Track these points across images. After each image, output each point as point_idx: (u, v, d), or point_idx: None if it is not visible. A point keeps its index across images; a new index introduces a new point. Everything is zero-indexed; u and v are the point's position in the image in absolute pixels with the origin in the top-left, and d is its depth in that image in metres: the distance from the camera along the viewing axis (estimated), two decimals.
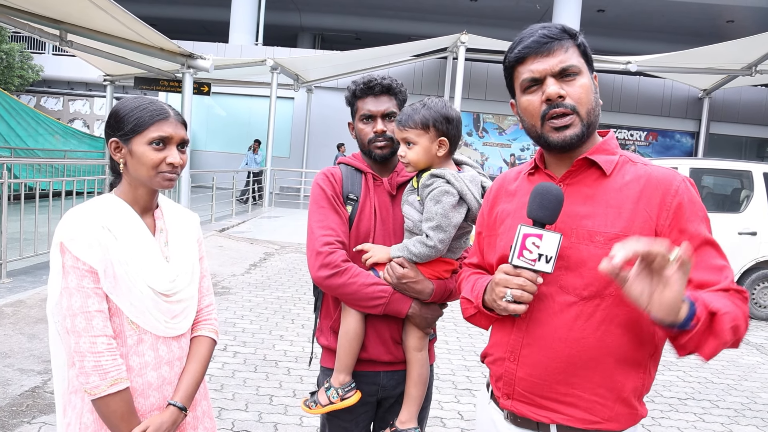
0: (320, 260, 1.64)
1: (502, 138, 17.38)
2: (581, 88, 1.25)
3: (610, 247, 1.18)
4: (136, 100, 1.44)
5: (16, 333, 4.20)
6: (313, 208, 1.76)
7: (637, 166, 1.28)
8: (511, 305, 1.21)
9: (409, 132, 1.65)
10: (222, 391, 3.64)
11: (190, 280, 1.52)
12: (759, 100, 16.92)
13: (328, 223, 1.70)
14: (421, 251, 1.63)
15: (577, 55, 1.27)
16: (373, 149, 1.77)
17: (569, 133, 1.25)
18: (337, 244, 1.67)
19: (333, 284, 1.64)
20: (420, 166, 1.69)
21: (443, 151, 1.67)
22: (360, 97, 1.80)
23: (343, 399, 1.67)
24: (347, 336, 1.69)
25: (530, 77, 1.26)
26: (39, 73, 16.99)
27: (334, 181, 1.78)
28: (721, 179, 7.44)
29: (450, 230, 1.61)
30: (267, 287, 6.39)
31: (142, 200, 1.47)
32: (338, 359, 1.70)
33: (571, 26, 1.30)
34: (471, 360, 4.58)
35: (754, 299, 6.62)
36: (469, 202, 1.62)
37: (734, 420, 3.84)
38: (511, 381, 1.33)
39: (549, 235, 1.19)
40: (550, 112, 1.25)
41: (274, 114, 13.78)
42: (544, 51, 1.25)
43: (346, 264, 1.65)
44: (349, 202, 1.77)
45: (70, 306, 1.33)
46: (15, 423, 3.03)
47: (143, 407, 1.41)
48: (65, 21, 7.60)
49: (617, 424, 1.26)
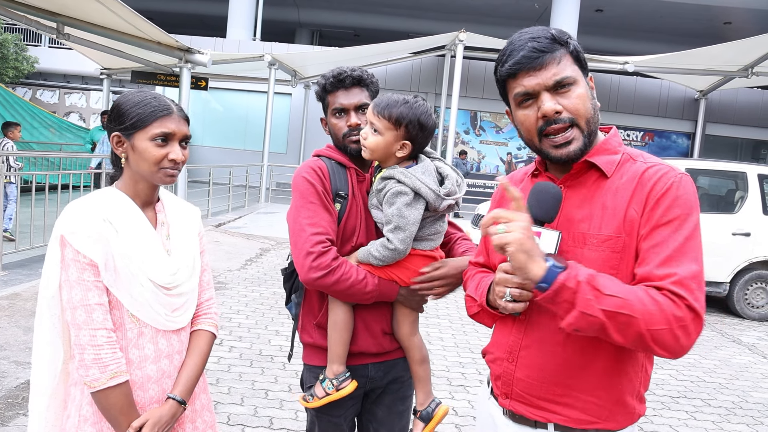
0: (309, 261, 1.58)
1: (500, 136, 17.40)
2: (578, 98, 1.22)
3: (603, 250, 1.20)
4: (140, 94, 1.43)
5: (11, 326, 4.20)
6: (301, 203, 1.67)
7: (636, 164, 1.26)
8: (510, 304, 1.22)
9: (380, 121, 1.61)
10: (218, 386, 3.65)
11: (190, 273, 1.52)
12: (755, 101, 17.00)
13: (318, 220, 1.64)
14: (384, 255, 1.62)
15: (571, 63, 1.23)
16: (348, 144, 1.73)
17: (572, 147, 1.23)
18: (327, 243, 1.62)
19: (325, 284, 1.60)
20: (374, 157, 1.67)
21: (402, 153, 1.64)
22: (330, 91, 1.76)
23: (338, 389, 1.67)
24: (337, 327, 1.68)
25: (523, 92, 1.23)
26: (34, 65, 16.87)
27: (323, 176, 1.71)
28: (716, 180, 7.49)
29: (409, 228, 1.59)
30: (263, 282, 6.40)
31: (143, 194, 1.47)
32: (330, 350, 1.70)
33: (564, 29, 1.27)
34: (466, 357, 4.61)
35: (747, 300, 6.67)
36: (425, 194, 1.59)
37: (725, 418, 3.88)
38: (509, 381, 1.34)
39: (547, 233, 1.20)
40: (548, 129, 1.23)
41: (272, 109, 13.76)
42: (535, 66, 1.21)
43: (336, 262, 1.60)
44: (338, 199, 1.72)
45: (70, 299, 1.33)
46: (11, 415, 3.04)
47: (142, 400, 1.41)
48: (62, 13, 7.56)
49: (615, 424, 1.27)
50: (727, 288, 6.61)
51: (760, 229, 6.49)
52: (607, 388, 1.25)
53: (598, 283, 1.11)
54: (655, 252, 1.16)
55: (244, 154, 17.04)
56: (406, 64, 16.16)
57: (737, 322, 6.54)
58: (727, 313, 6.84)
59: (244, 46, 16.42)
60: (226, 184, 11.54)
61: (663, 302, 1.10)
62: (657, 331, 1.09)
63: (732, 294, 6.63)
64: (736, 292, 6.61)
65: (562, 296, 1.11)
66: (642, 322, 1.09)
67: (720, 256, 6.46)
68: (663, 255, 1.15)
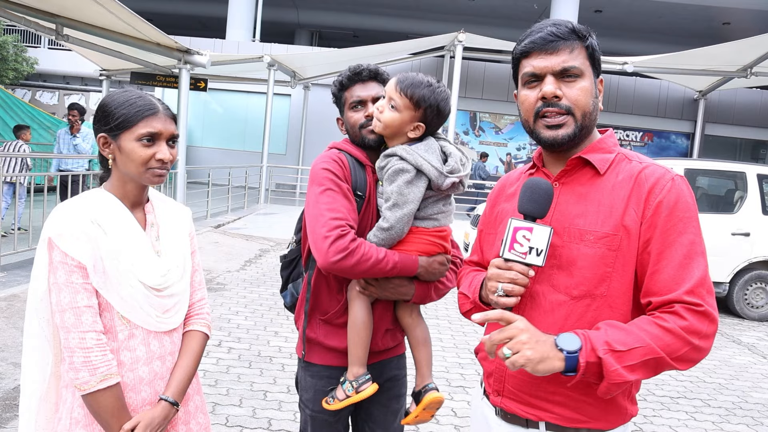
0: (327, 245, 1.52)
1: (499, 137, 17.40)
2: (580, 90, 1.24)
3: (599, 246, 1.22)
4: (125, 94, 1.41)
5: (9, 327, 4.19)
6: (320, 191, 1.61)
7: (631, 164, 1.27)
8: (502, 299, 1.22)
9: (401, 98, 1.60)
10: (216, 387, 3.64)
11: (181, 274, 1.50)
12: (754, 102, 17.00)
13: (337, 206, 1.58)
14: (381, 237, 1.59)
15: (583, 57, 1.26)
16: (366, 134, 1.73)
17: (561, 132, 1.26)
18: (346, 227, 1.56)
19: (345, 266, 1.53)
20: (385, 132, 1.65)
21: (414, 134, 1.63)
22: (348, 87, 1.77)
23: (358, 391, 1.65)
24: (356, 327, 1.66)
25: (531, 72, 1.26)
26: (34, 66, 16.88)
27: (343, 167, 1.67)
28: (716, 180, 7.48)
29: (408, 206, 1.57)
30: (262, 283, 6.39)
31: (131, 195, 1.45)
32: (350, 352, 1.68)
33: None
34: (465, 357, 4.60)
35: (747, 300, 6.66)
36: (427, 171, 1.57)
37: (725, 419, 3.87)
38: (501, 378, 1.34)
39: (539, 228, 1.20)
40: (544, 110, 1.26)
41: (271, 110, 13.76)
42: (549, 48, 1.24)
43: (355, 243, 1.54)
44: (355, 198, 1.69)
45: (59, 302, 1.31)
46: (9, 417, 3.03)
47: (135, 402, 1.40)
48: (61, 15, 7.55)
49: (606, 423, 1.27)
50: (726, 288, 6.59)
51: (760, 229, 6.48)
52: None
53: (615, 346, 1.13)
54: (664, 264, 1.18)
55: (243, 155, 17.03)
56: (406, 65, 16.15)
57: (737, 323, 6.53)
58: (726, 313, 6.83)
59: (244, 47, 16.42)
60: (226, 185, 11.53)
61: (672, 326, 1.13)
62: (681, 356, 1.14)
63: (732, 294, 6.62)
64: (736, 292, 6.60)
65: (591, 371, 1.14)
66: (666, 357, 1.13)
67: (720, 256, 6.45)
68: (672, 265, 1.18)
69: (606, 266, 1.21)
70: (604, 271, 1.21)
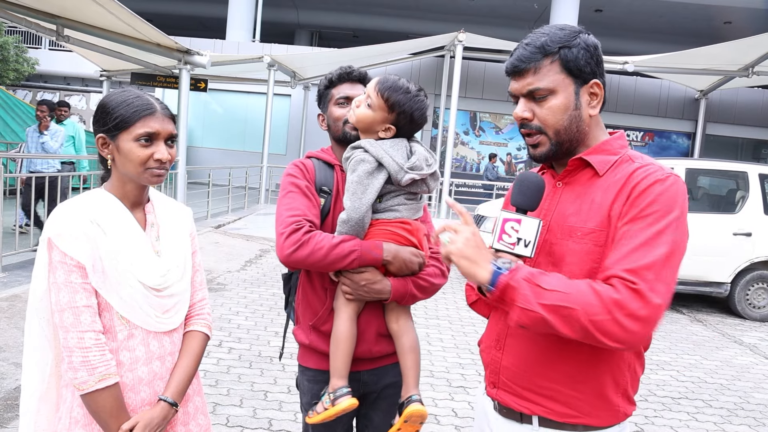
0: (282, 240, 1.58)
1: (499, 137, 17.40)
2: (549, 110, 1.27)
3: (586, 242, 1.24)
4: (122, 94, 1.40)
5: (11, 327, 4.19)
6: (281, 195, 1.71)
7: (632, 164, 1.27)
8: None
9: (378, 98, 1.61)
10: (217, 387, 3.64)
11: (182, 274, 1.50)
12: (755, 101, 16.98)
13: (295, 205, 1.65)
14: (340, 229, 1.62)
15: (555, 72, 1.25)
16: (349, 130, 1.74)
17: (539, 151, 1.32)
18: (302, 221, 1.60)
19: (299, 258, 1.56)
20: (357, 126, 1.67)
21: (385, 135, 1.65)
22: (336, 84, 1.81)
23: (334, 404, 1.61)
24: (337, 340, 1.64)
25: (511, 92, 1.33)
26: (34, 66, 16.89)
27: (306, 171, 1.75)
28: (717, 180, 7.46)
29: (366, 196, 1.58)
30: (262, 284, 6.39)
31: (131, 195, 1.45)
32: (331, 365, 1.66)
33: (558, 36, 1.27)
34: (465, 357, 4.59)
35: (749, 300, 6.65)
36: (387, 164, 1.58)
37: (727, 419, 3.86)
38: (496, 369, 1.37)
39: (527, 220, 1.22)
40: (521, 130, 1.34)
41: (271, 111, 13.76)
42: (515, 73, 1.29)
43: (308, 235, 1.57)
44: (322, 194, 1.73)
45: (58, 301, 1.31)
46: (10, 417, 3.03)
47: (134, 402, 1.40)
48: (62, 16, 7.56)
49: (598, 420, 1.27)
50: (728, 288, 6.58)
51: (761, 229, 6.46)
52: (587, 381, 1.26)
53: (539, 280, 1.15)
54: (622, 244, 1.17)
55: (243, 155, 17.04)
56: (406, 65, 16.16)
57: (738, 323, 6.52)
58: (728, 313, 6.82)
59: (244, 48, 16.43)
60: (226, 186, 11.53)
61: (602, 291, 1.11)
62: (599, 322, 1.09)
63: (733, 294, 6.60)
64: (738, 292, 6.59)
65: (508, 295, 1.16)
66: (582, 313, 1.10)
67: (721, 257, 6.43)
68: (628, 247, 1.15)
69: (593, 262, 1.22)
70: (591, 266, 1.22)
